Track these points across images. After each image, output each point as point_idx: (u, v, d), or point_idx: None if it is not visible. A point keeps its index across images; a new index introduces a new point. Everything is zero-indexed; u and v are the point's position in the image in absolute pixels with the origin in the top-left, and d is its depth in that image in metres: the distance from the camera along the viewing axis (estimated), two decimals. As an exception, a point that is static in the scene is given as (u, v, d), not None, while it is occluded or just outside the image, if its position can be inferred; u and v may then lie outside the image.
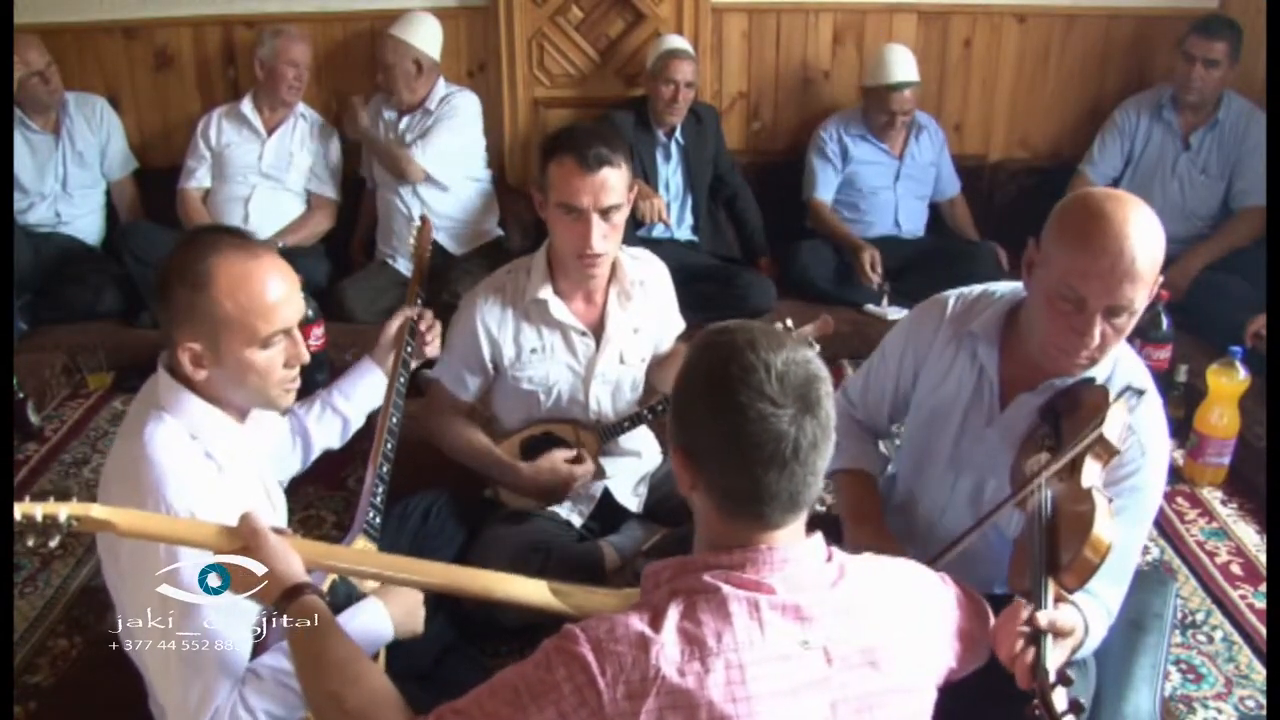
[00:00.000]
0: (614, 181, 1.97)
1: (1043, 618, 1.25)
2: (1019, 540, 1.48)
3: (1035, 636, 1.24)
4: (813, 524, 1.18)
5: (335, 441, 1.95)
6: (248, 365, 1.44)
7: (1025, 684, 1.23)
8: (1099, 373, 1.56)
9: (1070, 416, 1.53)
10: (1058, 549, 1.37)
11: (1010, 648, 1.25)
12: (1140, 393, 1.55)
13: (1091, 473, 1.42)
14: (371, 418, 1.98)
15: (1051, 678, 1.20)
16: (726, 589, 1.08)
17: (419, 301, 2.10)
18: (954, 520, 1.68)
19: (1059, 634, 1.27)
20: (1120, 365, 1.59)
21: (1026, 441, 1.58)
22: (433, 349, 2.06)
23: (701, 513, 1.15)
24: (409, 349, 1.98)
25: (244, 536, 1.28)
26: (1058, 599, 1.32)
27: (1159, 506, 1.62)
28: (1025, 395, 1.61)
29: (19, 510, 1.16)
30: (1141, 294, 1.44)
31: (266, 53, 3.42)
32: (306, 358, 1.51)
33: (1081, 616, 1.37)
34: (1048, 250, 1.49)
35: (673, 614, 1.07)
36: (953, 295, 1.75)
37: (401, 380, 1.94)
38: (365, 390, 1.96)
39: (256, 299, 1.42)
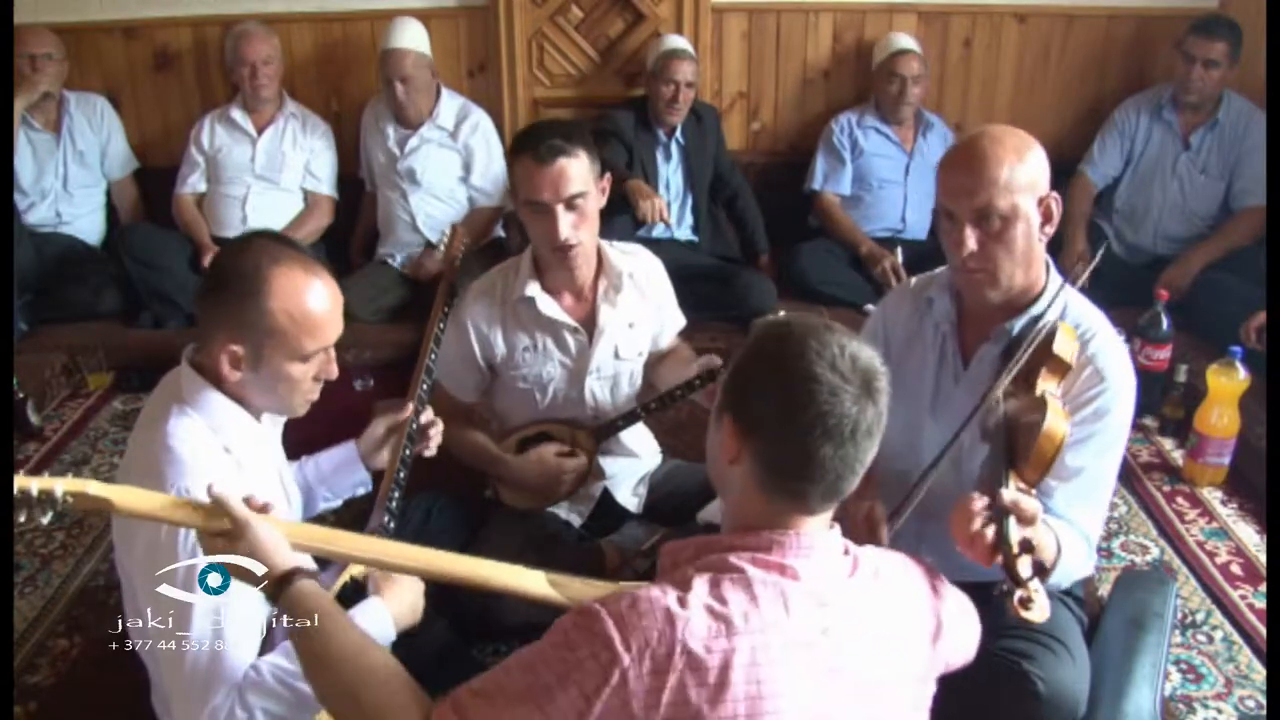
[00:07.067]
0: (573, 171, 1.96)
1: (1006, 495, 1.30)
2: (981, 471, 1.52)
3: (997, 517, 1.28)
4: None
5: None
6: (283, 375, 1.47)
7: (986, 561, 1.27)
8: (1052, 313, 1.61)
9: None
10: (1015, 450, 1.43)
11: (967, 531, 1.29)
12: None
13: (1046, 386, 1.50)
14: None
15: (1015, 549, 1.24)
16: (752, 570, 1.09)
17: (445, 311, 2.07)
18: (938, 482, 1.68)
19: (1022, 517, 1.30)
20: (1073, 306, 1.65)
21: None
22: (431, 449, 1.91)
23: (738, 490, 1.15)
24: (407, 451, 1.88)
25: (230, 516, 1.21)
26: (1021, 491, 1.37)
27: (1124, 451, 1.66)
28: (984, 346, 1.67)
29: (14, 483, 1.14)
30: (1005, 199, 1.53)
31: (229, 55, 3.43)
32: (335, 374, 1.54)
33: (1052, 533, 1.41)
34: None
35: (699, 590, 1.06)
36: (918, 275, 1.86)
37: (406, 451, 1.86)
38: (343, 477, 1.86)
39: (309, 316, 1.45)
